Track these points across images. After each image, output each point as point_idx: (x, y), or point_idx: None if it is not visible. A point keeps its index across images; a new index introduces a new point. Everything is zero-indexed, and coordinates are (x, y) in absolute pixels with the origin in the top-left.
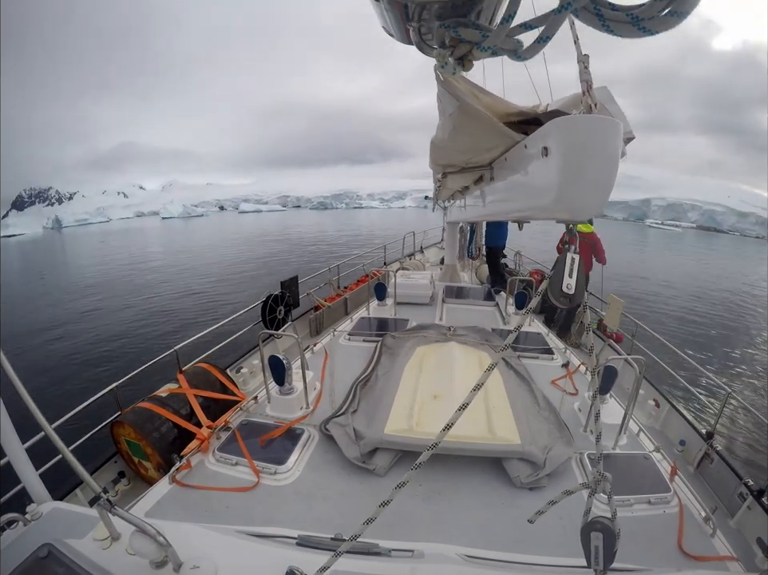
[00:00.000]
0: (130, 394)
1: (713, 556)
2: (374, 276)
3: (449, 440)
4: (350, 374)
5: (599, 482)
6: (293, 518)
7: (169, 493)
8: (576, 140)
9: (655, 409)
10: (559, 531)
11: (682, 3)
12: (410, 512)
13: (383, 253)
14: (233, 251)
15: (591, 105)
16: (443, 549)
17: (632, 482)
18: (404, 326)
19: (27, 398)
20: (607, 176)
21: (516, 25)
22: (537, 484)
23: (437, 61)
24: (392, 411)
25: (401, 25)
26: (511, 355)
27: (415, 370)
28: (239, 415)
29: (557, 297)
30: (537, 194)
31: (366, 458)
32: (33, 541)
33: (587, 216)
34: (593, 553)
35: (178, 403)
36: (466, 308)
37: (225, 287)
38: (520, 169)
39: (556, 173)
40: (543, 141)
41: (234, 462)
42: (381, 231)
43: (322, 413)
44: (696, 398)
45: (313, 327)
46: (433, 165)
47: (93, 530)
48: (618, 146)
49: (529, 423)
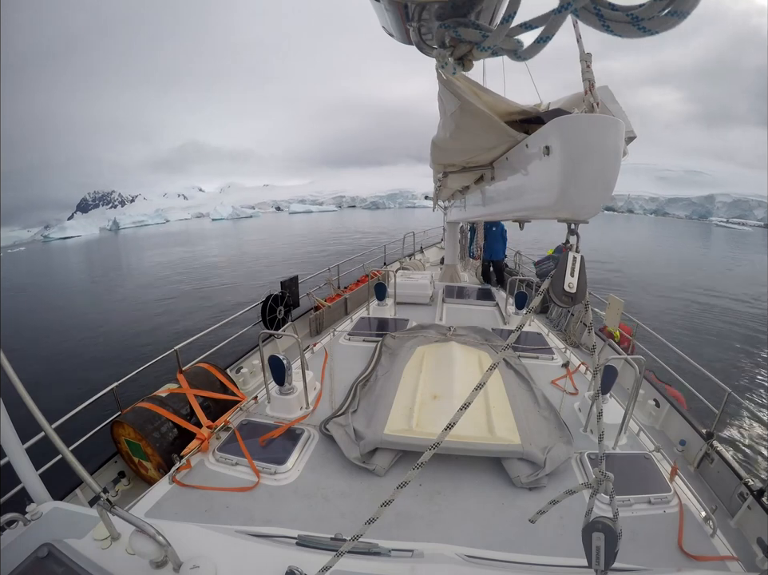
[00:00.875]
0: (130, 394)
1: (713, 556)
2: (374, 276)
3: (450, 440)
4: (350, 374)
5: (602, 482)
6: (293, 518)
7: (169, 493)
8: (577, 139)
9: (655, 409)
10: (559, 531)
11: (682, 3)
12: (410, 512)
13: (383, 253)
14: (253, 250)
15: (594, 104)
16: (443, 548)
17: (632, 482)
18: (404, 326)
19: (27, 398)
20: (608, 175)
21: (516, 25)
22: (537, 484)
23: (437, 61)
24: (392, 411)
25: (401, 25)
26: (511, 355)
27: (415, 370)
28: (239, 415)
29: (559, 296)
30: (538, 193)
31: (365, 458)
32: (33, 541)
33: (589, 215)
34: (594, 554)
35: (178, 403)
36: (466, 308)
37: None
38: (521, 168)
39: (558, 172)
40: (544, 140)
41: (234, 462)
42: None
43: (322, 413)
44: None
45: (313, 327)
46: (434, 165)
47: (92, 530)
48: (620, 145)
49: (529, 423)
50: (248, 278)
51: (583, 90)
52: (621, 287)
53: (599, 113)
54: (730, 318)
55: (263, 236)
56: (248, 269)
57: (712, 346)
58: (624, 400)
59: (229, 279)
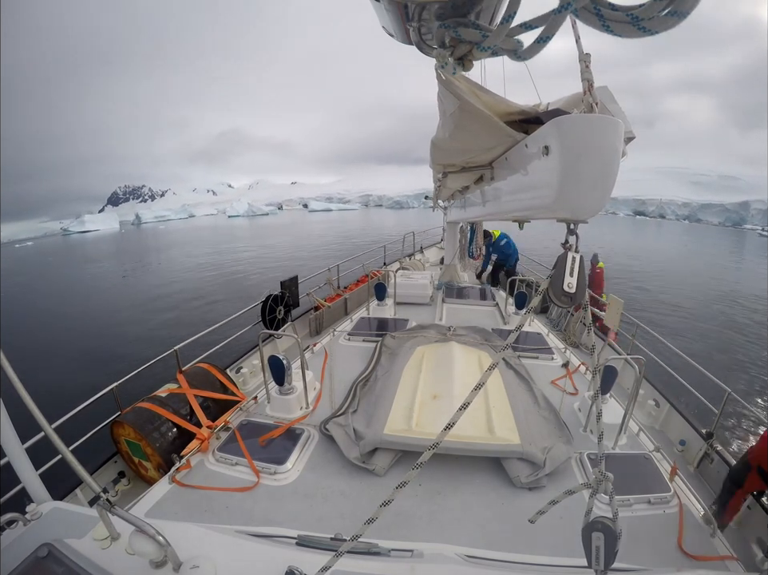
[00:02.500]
0: (130, 394)
1: (713, 556)
2: (374, 276)
3: (450, 440)
4: (349, 374)
5: (601, 482)
6: (293, 518)
7: (169, 493)
8: (576, 139)
9: (655, 409)
10: (558, 531)
11: (682, 3)
12: (410, 512)
13: (383, 253)
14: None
15: (593, 104)
16: (443, 548)
17: (632, 482)
18: (404, 326)
19: (27, 398)
20: (607, 175)
21: (516, 25)
22: (537, 484)
23: (437, 61)
24: (391, 411)
25: (401, 25)
26: (511, 355)
27: (415, 370)
28: (239, 415)
29: (558, 296)
30: (538, 193)
31: (365, 458)
32: (32, 541)
33: (588, 215)
34: (594, 554)
35: (178, 403)
36: (466, 308)
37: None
38: (520, 168)
39: (557, 172)
40: (543, 140)
41: (234, 462)
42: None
43: (322, 413)
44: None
45: (313, 327)
46: (433, 165)
47: (92, 530)
48: (619, 145)
49: (529, 423)
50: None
51: (582, 90)
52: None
53: (598, 113)
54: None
55: (265, 234)
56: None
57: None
58: (624, 400)
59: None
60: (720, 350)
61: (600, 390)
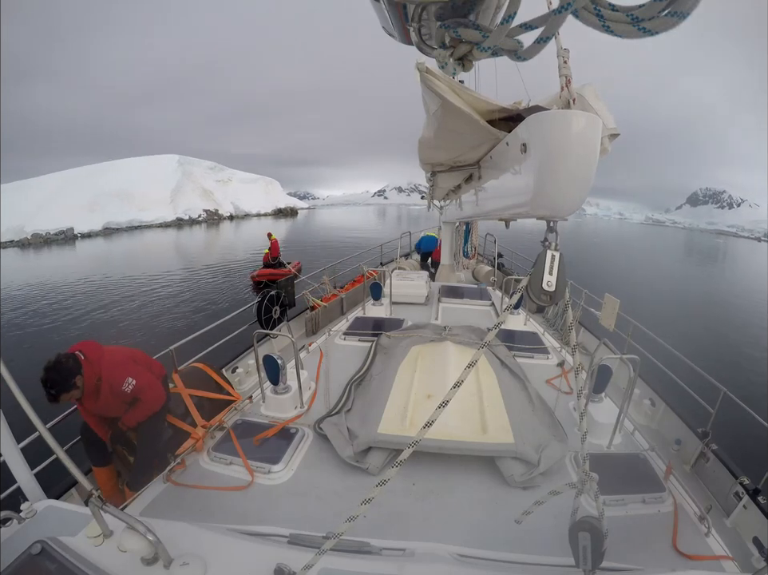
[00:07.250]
0: None
1: (708, 555)
2: (370, 276)
3: (443, 439)
4: (344, 373)
5: (585, 482)
6: (286, 517)
7: (164, 492)
8: (552, 135)
9: (650, 408)
10: (552, 530)
11: (682, 3)
12: (403, 511)
13: (379, 253)
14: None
15: (570, 101)
16: (435, 548)
17: (627, 481)
18: (399, 325)
19: (21, 398)
20: (585, 171)
21: (516, 26)
22: (531, 483)
23: (437, 61)
24: (386, 411)
25: (402, 25)
26: (506, 354)
27: (410, 369)
28: (234, 415)
29: (537, 295)
30: (517, 191)
31: (359, 457)
32: (27, 539)
33: (567, 213)
34: (581, 553)
35: (173, 403)
36: (462, 308)
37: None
38: (503, 167)
39: (534, 169)
40: (521, 138)
41: (228, 462)
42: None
43: (317, 412)
44: (692, 396)
45: (309, 326)
46: (421, 165)
47: (85, 528)
48: (596, 142)
49: (523, 422)
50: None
51: (560, 86)
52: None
53: (578, 109)
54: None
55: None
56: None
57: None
58: (619, 399)
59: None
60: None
61: (594, 389)
